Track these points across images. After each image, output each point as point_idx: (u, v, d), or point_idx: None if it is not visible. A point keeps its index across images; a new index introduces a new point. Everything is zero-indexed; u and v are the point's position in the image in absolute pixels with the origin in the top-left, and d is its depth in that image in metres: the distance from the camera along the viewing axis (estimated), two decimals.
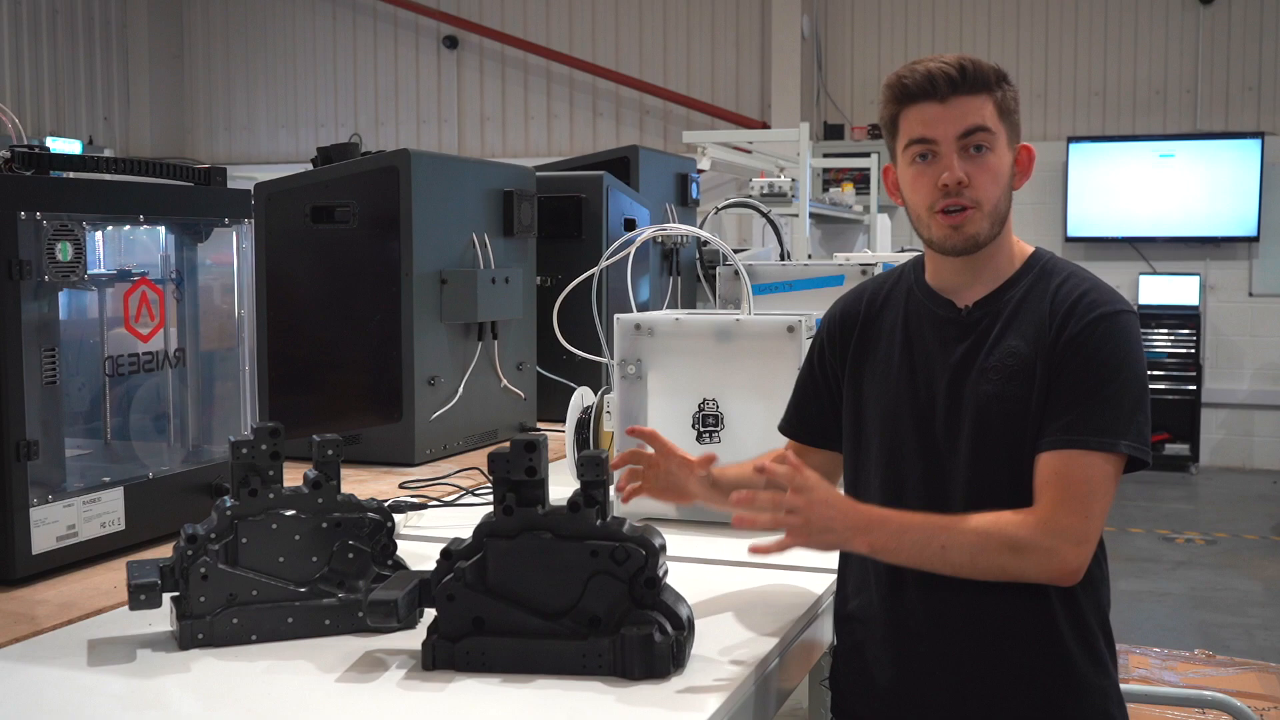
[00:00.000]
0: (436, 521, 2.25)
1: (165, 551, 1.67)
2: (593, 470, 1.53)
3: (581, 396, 2.43)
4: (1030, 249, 1.85)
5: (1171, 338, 9.54)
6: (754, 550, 1.67)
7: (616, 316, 2.29)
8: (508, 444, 1.53)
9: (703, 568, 1.97)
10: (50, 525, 1.85)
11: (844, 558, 1.91)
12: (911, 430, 1.80)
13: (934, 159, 1.76)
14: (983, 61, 1.77)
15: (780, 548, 1.67)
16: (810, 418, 1.98)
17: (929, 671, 1.79)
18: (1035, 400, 1.71)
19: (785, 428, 2.01)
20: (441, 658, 1.50)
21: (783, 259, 3.97)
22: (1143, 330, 1.79)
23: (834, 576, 1.94)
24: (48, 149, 1.87)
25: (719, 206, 4.10)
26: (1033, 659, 1.75)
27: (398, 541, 1.69)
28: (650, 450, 1.91)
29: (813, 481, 1.66)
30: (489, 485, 1.91)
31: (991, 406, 1.73)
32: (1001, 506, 1.68)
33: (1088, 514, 1.66)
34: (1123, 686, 1.86)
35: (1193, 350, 9.54)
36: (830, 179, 9.42)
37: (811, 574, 1.94)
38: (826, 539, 1.69)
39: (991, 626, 1.75)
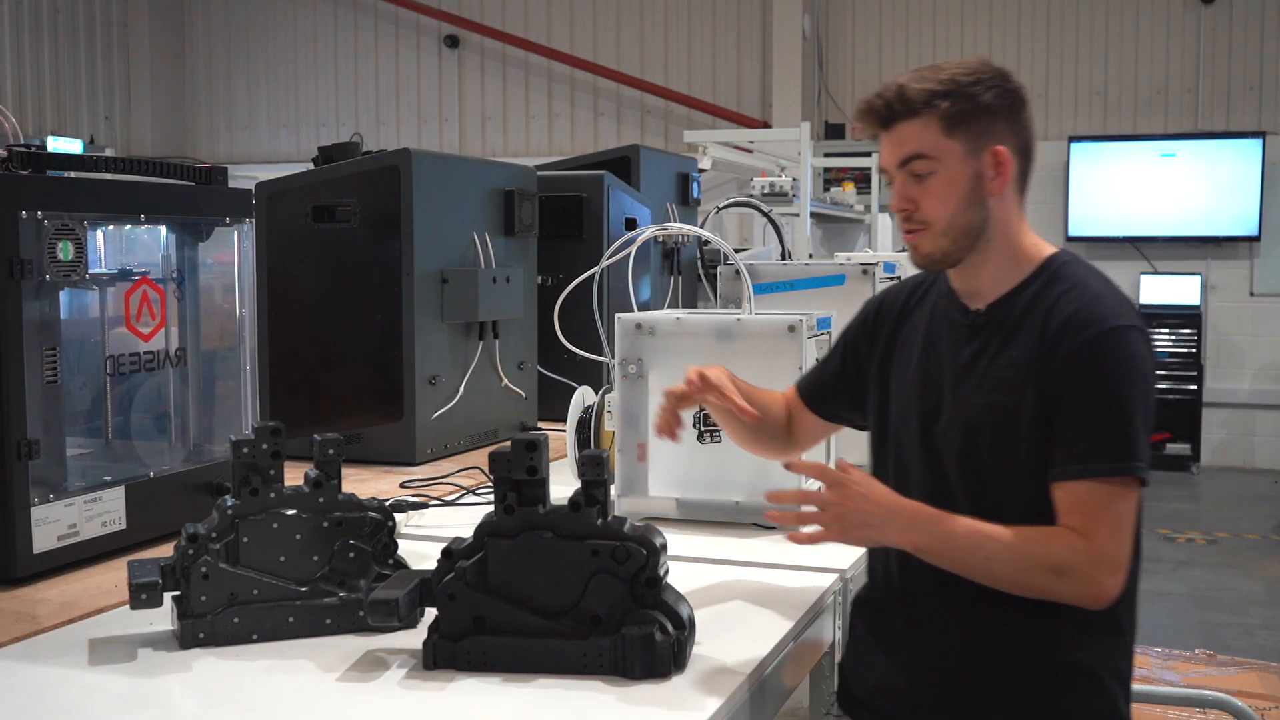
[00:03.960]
0: (437, 521, 2.25)
1: (166, 551, 1.67)
2: (594, 469, 1.53)
3: (582, 396, 2.44)
4: (1049, 251, 1.80)
5: (1173, 337, 9.53)
6: (792, 540, 1.68)
7: (617, 316, 2.29)
8: (509, 443, 1.53)
9: (703, 567, 1.97)
10: (51, 524, 1.85)
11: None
12: (915, 431, 1.79)
13: (893, 184, 1.79)
14: (928, 80, 1.71)
15: (814, 540, 1.67)
16: (823, 384, 2.02)
17: (918, 666, 1.78)
18: (1026, 415, 1.68)
19: (801, 385, 2.07)
20: (442, 657, 1.50)
21: (784, 258, 3.96)
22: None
23: (834, 576, 1.95)
24: (45, 148, 1.87)
25: (720, 206, 4.10)
26: (1022, 669, 1.72)
27: (399, 541, 1.69)
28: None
29: (852, 476, 1.66)
30: (490, 485, 1.91)
31: (980, 417, 1.72)
32: (992, 519, 1.66)
33: (1123, 541, 1.64)
34: None
35: (1194, 350, 9.53)
36: (831, 178, 9.42)
37: (812, 573, 1.94)
38: (863, 534, 1.68)
39: (989, 636, 1.73)
